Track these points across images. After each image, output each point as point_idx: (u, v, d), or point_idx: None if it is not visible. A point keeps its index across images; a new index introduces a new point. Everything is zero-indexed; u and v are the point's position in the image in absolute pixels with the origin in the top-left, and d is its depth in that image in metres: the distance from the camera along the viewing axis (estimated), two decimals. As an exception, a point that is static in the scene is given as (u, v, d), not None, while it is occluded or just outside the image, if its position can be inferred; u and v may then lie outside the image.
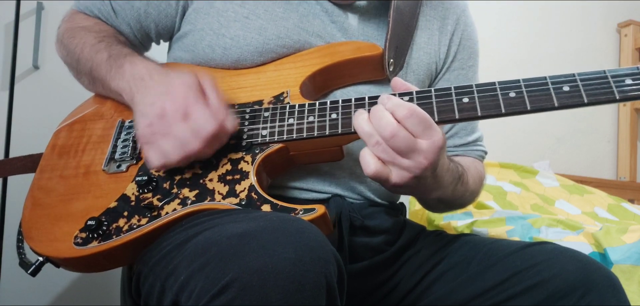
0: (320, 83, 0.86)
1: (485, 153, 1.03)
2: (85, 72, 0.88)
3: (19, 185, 0.98)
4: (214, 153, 0.76)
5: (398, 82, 0.75)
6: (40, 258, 0.76)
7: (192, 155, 0.73)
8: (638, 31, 2.75)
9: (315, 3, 0.89)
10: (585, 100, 0.68)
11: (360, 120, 0.70)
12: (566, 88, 0.69)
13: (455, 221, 1.42)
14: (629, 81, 0.68)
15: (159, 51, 0.99)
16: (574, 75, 0.69)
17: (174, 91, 0.74)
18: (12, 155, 1.56)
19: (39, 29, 1.63)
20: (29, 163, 0.91)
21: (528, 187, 1.82)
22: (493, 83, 0.72)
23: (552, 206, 1.73)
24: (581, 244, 1.17)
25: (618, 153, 2.73)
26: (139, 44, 0.95)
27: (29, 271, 0.77)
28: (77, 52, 0.89)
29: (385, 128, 0.67)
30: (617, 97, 0.67)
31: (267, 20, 0.86)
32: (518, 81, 0.71)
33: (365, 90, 0.88)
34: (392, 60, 0.86)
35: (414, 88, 0.74)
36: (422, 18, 0.95)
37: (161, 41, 0.98)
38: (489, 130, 0.76)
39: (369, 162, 0.69)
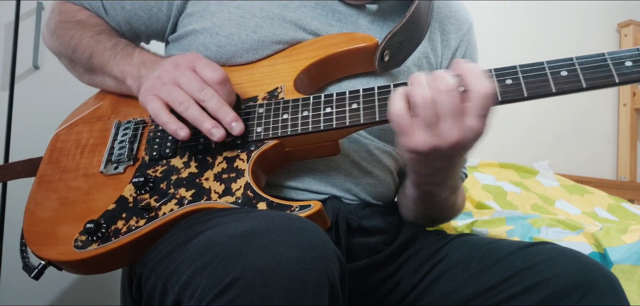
0: (316, 76, 0.85)
1: (466, 175, 1.02)
2: (83, 60, 0.89)
3: (18, 185, 0.98)
4: (231, 100, 0.76)
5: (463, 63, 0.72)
6: (43, 262, 0.77)
7: (203, 94, 0.73)
8: (638, 31, 2.76)
9: (315, 3, 0.89)
10: (584, 85, 0.66)
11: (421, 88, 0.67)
12: (564, 73, 0.67)
13: (455, 221, 1.42)
14: (628, 63, 0.65)
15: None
16: (572, 59, 0.67)
17: (184, 55, 0.79)
18: (12, 154, 1.57)
19: (39, 29, 1.63)
20: (29, 168, 0.91)
21: (528, 187, 1.82)
22: (489, 71, 0.70)
23: (552, 206, 1.73)
24: (581, 244, 1.16)
25: (618, 153, 2.74)
26: None
27: (32, 275, 0.77)
28: (74, 43, 0.90)
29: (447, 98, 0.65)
30: (617, 80, 0.65)
31: (263, 19, 0.86)
32: (515, 67, 0.69)
33: (360, 84, 0.86)
34: (387, 51, 0.84)
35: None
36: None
37: (151, 41, 0.98)
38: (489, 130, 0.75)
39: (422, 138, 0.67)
